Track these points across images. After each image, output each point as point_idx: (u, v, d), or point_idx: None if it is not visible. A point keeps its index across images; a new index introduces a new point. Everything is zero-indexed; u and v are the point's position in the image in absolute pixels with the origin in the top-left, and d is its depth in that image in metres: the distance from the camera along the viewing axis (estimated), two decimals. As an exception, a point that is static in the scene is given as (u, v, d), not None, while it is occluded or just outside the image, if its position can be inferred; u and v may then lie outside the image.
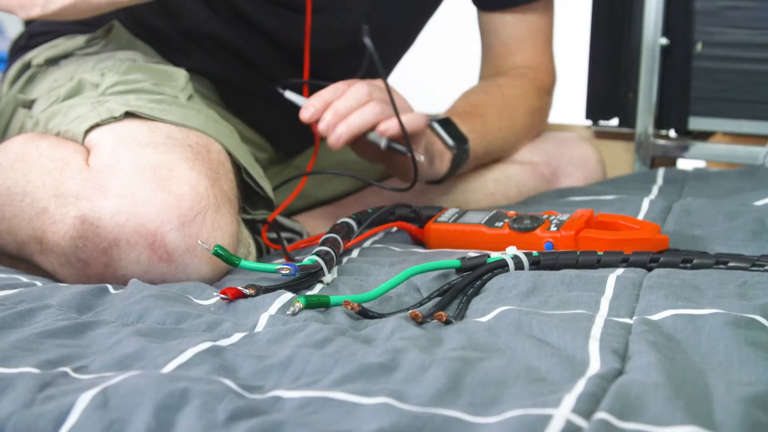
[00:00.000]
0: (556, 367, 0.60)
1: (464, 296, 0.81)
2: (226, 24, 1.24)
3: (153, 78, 1.09)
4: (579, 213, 0.99)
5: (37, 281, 0.89)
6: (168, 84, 1.10)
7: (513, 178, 1.36)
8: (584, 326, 0.68)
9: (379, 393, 0.56)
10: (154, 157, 0.91)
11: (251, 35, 1.25)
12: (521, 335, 0.66)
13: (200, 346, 0.65)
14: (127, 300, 0.79)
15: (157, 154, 0.92)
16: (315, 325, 0.70)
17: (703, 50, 1.60)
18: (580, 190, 1.29)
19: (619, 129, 1.73)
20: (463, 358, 0.61)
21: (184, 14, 1.23)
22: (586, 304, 0.74)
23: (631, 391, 0.55)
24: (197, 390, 0.56)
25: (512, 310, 0.72)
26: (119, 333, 0.70)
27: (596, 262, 0.87)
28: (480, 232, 1.00)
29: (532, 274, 0.83)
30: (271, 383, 0.60)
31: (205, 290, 0.85)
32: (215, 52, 1.25)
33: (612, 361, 0.61)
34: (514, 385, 0.57)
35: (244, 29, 1.24)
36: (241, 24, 1.24)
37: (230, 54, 1.25)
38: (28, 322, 0.74)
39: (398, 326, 0.70)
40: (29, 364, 0.63)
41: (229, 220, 0.92)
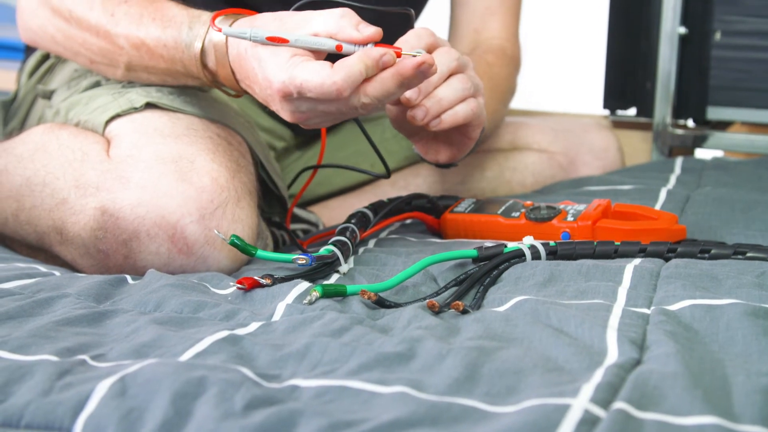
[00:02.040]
0: (574, 357, 0.60)
1: (481, 286, 0.81)
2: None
3: None
4: (596, 203, 0.99)
5: (56, 271, 0.90)
6: None
7: (529, 167, 1.36)
8: (602, 316, 0.68)
9: (397, 382, 0.56)
10: (176, 149, 0.91)
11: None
12: (538, 325, 0.66)
13: (217, 335, 0.65)
14: (144, 289, 0.80)
15: (178, 146, 0.92)
16: (332, 314, 0.70)
17: (721, 39, 1.59)
18: (597, 180, 1.28)
19: (636, 119, 1.72)
20: (480, 347, 0.61)
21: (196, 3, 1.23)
22: (604, 294, 0.74)
23: (649, 381, 0.54)
24: (215, 378, 0.56)
25: (529, 300, 0.72)
26: (137, 321, 0.71)
27: (613, 252, 0.87)
28: (497, 222, 1.00)
29: (549, 264, 0.83)
30: (289, 372, 0.60)
31: (223, 280, 0.85)
32: None
33: (630, 351, 0.61)
34: (532, 375, 0.57)
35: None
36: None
37: None
38: (46, 311, 0.75)
39: (415, 315, 0.70)
40: (48, 351, 0.64)
41: (249, 213, 0.92)
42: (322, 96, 0.82)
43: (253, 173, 0.99)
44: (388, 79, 0.83)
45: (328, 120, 0.87)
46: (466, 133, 1.00)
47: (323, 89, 0.81)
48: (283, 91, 0.83)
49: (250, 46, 0.86)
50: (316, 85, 0.81)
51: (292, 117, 0.86)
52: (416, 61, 0.83)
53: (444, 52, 0.94)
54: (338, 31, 0.84)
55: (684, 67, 1.63)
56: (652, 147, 1.67)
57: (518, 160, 1.36)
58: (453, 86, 0.94)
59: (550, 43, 2.11)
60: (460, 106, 0.95)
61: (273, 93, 0.84)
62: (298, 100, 0.84)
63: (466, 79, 0.95)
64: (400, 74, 0.83)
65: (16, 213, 0.98)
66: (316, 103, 0.84)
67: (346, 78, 0.81)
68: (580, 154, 1.38)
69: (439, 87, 0.94)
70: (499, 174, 1.34)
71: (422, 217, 1.07)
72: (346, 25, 0.84)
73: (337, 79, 0.80)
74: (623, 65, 1.71)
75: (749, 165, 1.35)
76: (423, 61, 0.83)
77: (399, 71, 0.83)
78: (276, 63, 0.83)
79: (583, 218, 0.95)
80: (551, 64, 2.13)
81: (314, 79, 0.81)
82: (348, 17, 0.85)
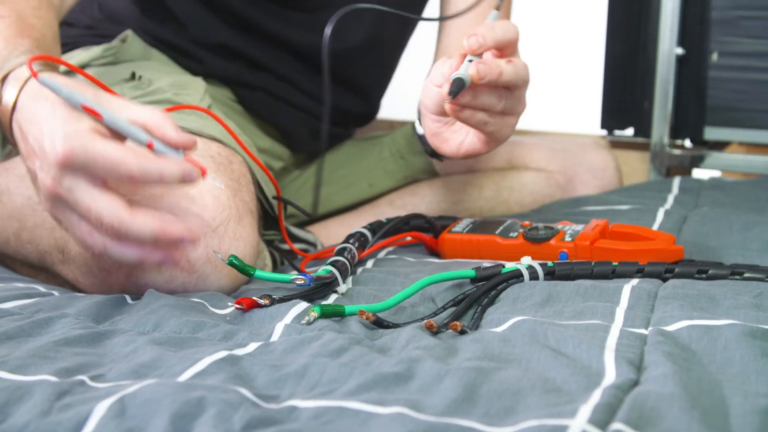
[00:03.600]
0: (572, 378, 0.60)
1: (479, 306, 0.81)
2: (237, 32, 1.25)
3: (172, 88, 1.10)
4: (594, 223, 0.99)
5: (55, 291, 0.90)
6: (187, 93, 1.11)
7: (528, 186, 1.36)
8: (599, 336, 0.68)
9: (395, 402, 0.56)
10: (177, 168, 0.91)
11: (264, 42, 1.26)
12: (536, 345, 0.66)
13: (216, 355, 0.66)
14: (143, 309, 0.80)
15: None
16: (330, 334, 0.70)
17: (718, 60, 1.60)
18: (595, 199, 1.29)
19: (634, 138, 1.73)
20: (478, 368, 0.61)
21: (194, 26, 1.24)
22: (602, 315, 0.74)
23: (647, 402, 0.55)
24: (213, 399, 0.56)
25: (527, 320, 0.72)
26: (136, 342, 0.71)
27: (611, 272, 0.87)
28: (494, 243, 1.01)
29: (547, 285, 0.83)
30: (287, 392, 0.61)
31: (222, 300, 0.85)
32: (230, 59, 1.26)
33: (627, 372, 0.61)
34: (530, 396, 0.57)
35: (256, 36, 1.25)
36: (253, 32, 1.25)
37: (244, 60, 1.26)
38: (45, 331, 0.75)
39: (413, 336, 0.71)
40: (46, 372, 0.64)
41: (250, 231, 0.92)
42: (111, 173, 0.76)
43: (254, 192, 0.99)
44: (165, 202, 0.83)
45: (71, 219, 0.80)
46: (494, 138, 1.02)
47: (118, 167, 0.76)
48: (68, 156, 0.76)
49: (57, 98, 0.80)
50: (112, 160, 0.75)
51: (50, 185, 0.78)
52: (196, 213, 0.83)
53: (515, 67, 0.93)
54: (155, 127, 0.80)
55: (681, 87, 1.64)
56: (650, 167, 1.67)
57: (516, 179, 1.36)
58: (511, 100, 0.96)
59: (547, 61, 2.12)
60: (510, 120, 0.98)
61: (53, 152, 0.77)
62: (74, 173, 0.77)
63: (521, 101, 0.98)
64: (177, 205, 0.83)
65: (18, 232, 0.98)
66: (90, 188, 0.77)
67: (145, 169, 0.76)
68: (578, 173, 1.38)
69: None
70: (497, 193, 1.35)
71: (420, 237, 1.08)
72: (165, 125, 0.80)
73: (134, 164, 0.76)
74: (621, 85, 1.72)
75: (747, 185, 1.36)
76: (200, 224, 0.83)
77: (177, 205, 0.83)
78: (75, 128, 0.77)
79: (581, 239, 0.96)
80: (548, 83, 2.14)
81: (113, 154, 0.76)
82: (169, 119, 0.81)
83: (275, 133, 1.32)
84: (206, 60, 1.24)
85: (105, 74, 1.17)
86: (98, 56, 1.20)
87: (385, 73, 1.43)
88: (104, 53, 1.20)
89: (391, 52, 1.41)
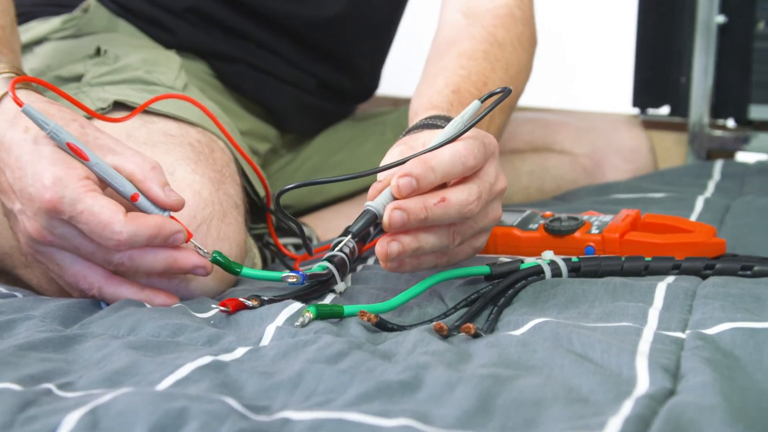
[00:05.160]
0: (600, 387, 0.60)
1: (495, 306, 0.81)
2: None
3: (144, 65, 1.10)
4: (624, 213, 1.00)
5: (17, 293, 0.91)
6: (160, 71, 1.10)
7: (550, 170, 1.36)
8: (631, 341, 0.68)
9: (401, 414, 0.56)
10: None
11: (236, 9, 1.25)
12: (560, 350, 0.66)
13: (199, 361, 0.66)
14: (117, 311, 0.80)
15: (155, 155, 0.92)
16: (327, 337, 0.71)
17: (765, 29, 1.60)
18: (625, 186, 1.29)
19: (670, 118, 1.73)
20: (495, 375, 0.61)
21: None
22: (633, 316, 0.75)
23: (684, 414, 0.55)
24: (197, 410, 0.56)
25: (549, 323, 0.72)
26: (109, 346, 0.71)
27: (644, 268, 0.87)
28: (512, 235, 1.01)
29: (572, 282, 0.83)
30: (279, 403, 0.61)
31: (204, 303, 0.85)
32: (202, 27, 1.26)
33: (662, 380, 0.61)
34: (552, 407, 0.57)
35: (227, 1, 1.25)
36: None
37: (218, 27, 1.26)
38: (7, 334, 0.75)
39: (421, 339, 0.71)
40: (9, 379, 0.64)
41: (237, 229, 0.92)
42: (95, 235, 0.79)
43: (239, 183, 0.99)
44: (160, 258, 0.83)
45: (60, 260, 0.84)
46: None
47: (104, 231, 0.78)
48: (55, 205, 0.79)
49: (39, 130, 0.81)
50: (100, 222, 0.78)
51: (36, 231, 0.81)
52: (194, 262, 0.84)
53: (447, 207, 0.79)
54: (143, 180, 0.82)
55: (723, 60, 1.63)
56: (688, 150, 1.68)
57: (537, 162, 1.37)
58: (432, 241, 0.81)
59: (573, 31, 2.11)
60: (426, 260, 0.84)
61: (39, 197, 0.79)
62: (61, 221, 0.80)
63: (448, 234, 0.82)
64: (176, 264, 0.83)
65: None
66: (78, 236, 0.81)
67: (133, 235, 0.79)
68: (606, 156, 1.38)
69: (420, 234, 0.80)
70: (515, 179, 1.35)
71: (428, 229, 1.08)
72: (153, 179, 0.83)
73: (124, 230, 0.78)
74: (655, 58, 1.72)
75: (797, 170, 1.36)
76: (201, 266, 0.84)
77: (177, 261, 0.83)
78: (66, 173, 0.79)
79: (609, 231, 0.96)
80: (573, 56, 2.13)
81: (102, 214, 0.78)
82: (158, 171, 0.83)
83: (260, 111, 1.32)
84: (177, 29, 1.24)
85: (66, 49, 1.16)
86: (57, 28, 1.19)
87: (377, 46, 1.42)
88: (64, 25, 1.19)
89: (380, 23, 1.40)
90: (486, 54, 1.09)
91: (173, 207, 0.83)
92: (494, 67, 1.07)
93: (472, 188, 0.80)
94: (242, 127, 1.25)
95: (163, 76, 1.10)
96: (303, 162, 1.39)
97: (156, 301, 0.84)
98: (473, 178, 0.81)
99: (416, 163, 0.78)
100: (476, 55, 1.07)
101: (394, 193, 0.77)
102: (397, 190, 0.77)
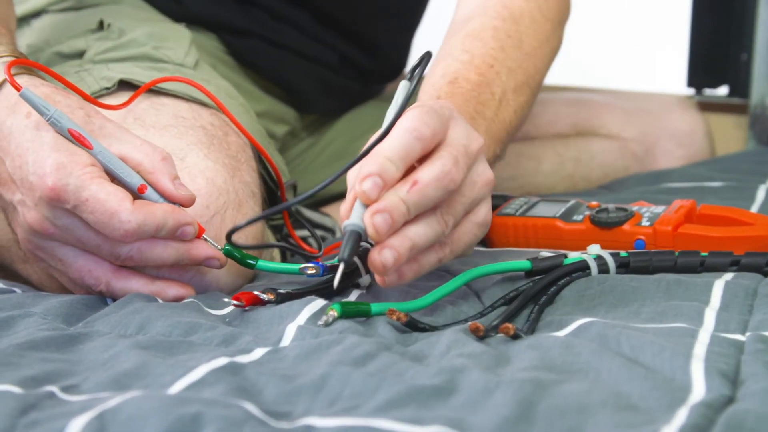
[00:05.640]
0: (651, 393, 0.60)
1: (535, 305, 0.82)
2: None
3: (151, 40, 1.10)
4: (677, 204, 0.99)
5: (16, 288, 0.91)
6: (168, 47, 1.11)
7: (596, 157, 1.36)
8: (685, 343, 0.68)
9: (434, 421, 0.57)
10: (161, 143, 0.91)
11: None
12: (607, 353, 0.66)
13: (214, 362, 0.66)
14: (124, 308, 0.81)
15: (164, 139, 0.92)
16: (353, 338, 0.71)
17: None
18: (679, 174, 1.28)
19: (728, 99, 1.72)
20: (536, 380, 0.61)
21: None
22: (687, 317, 0.75)
23: (745, 423, 0.55)
24: (212, 415, 0.57)
25: (595, 323, 0.73)
26: (116, 346, 0.72)
27: (699, 264, 0.87)
28: (554, 227, 1.01)
29: (620, 279, 0.83)
30: (301, 408, 0.61)
31: (219, 299, 0.86)
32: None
33: (720, 387, 0.61)
34: (599, 414, 0.57)
35: None
36: None
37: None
38: (5, 333, 0.76)
39: (455, 341, 0.71)
40: (8, 381, 0.64)
41: None
42: (101, 225, 0.80)
43: (256, 170, 0.99)
44: (171, 250, 0.83)
45: (63, 254, 0.84)
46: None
47: (111, 220, 0.79)
48: (58, 193, 0.79)
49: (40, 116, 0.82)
50: (107, 210, 0.79)
51: (37, 222, 0.82)
52: (207, 253, 0.84)
53: (436, 175, 0.77)
54: (152, 171, 0.83)
55: (789, 35, 1.62)
56: (748, 134, 1.67)
57: (582, 148, 1.36)
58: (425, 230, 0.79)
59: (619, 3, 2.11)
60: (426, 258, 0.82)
61: (41, 185, 0.80)
62: (64, 211, 0.81)
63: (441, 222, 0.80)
64: (188, 255, 0.84)
65: None
66: (83, 228, 0.82)
67: (141, 224, 0.80)
68: (659, 140, 1.38)
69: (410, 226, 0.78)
70: (559, 166, 1.35)
71: (463, 220, 1.08)
72: (163, 171, 0.83)
73: (132, 219, 0.79)
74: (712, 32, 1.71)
75: None
76: (215, 257, 0.85)
77: (189, 252, 0.84)
78: (69, 159, 0.80)
79: (661, 223, 0.96)
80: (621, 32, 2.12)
81: (109, 202, 0.79)
82: (169, 163, 0.84)
83: (277, 91, 1.32)
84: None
85: (66, 23, 1.16)
86: (56, 0, 1.20)
87: (401, 23, 1.42)
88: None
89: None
90: (495, 31, 1.07)
91: (183, 202, 0.83)
92: (503, 45, 1.06)
93: (443, 157, 0.78)
94: (258, 109, 1.25)
95: (171, 52, 1.10)
96: (325, 146, 1.39)
97: (169, 293, 0.85)
98: (440, 147, 0.79)
99: (369, 160, 0.76)
100: (484, 34, 1.06)
101: (362, 200, 0.76)
102: (364, 195, 0.75)
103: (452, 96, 0.97)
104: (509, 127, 1.02)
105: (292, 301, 0.82)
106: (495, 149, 0.99)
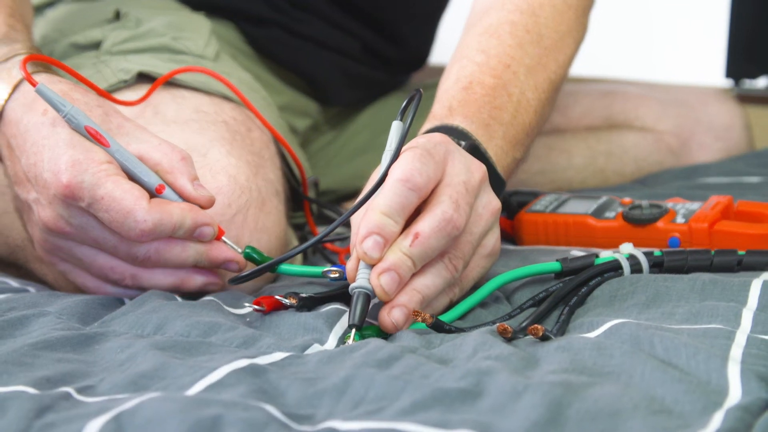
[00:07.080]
0: (686, 396, 0.60)
1: (566, 306, 0.82)
2: None
3: (170, 30, 1.11)
4: (714, 200, 0.99)
5: (30, 287, 0.92)
6: (188, 37, 1.11)
7: (629, 151, 1.36)
8: (721, 345, 0.69)
9: (461, 425, 0.57)
10: (182, 139, 0.92)
11: None
12: (640, 355, 0.66)
13: (235, 364, 0.67)
14: (141, 307, 0.82)
15: (185, 134, 0.93)
16: (377, 341, 0.72)
17: None
18: (716, 168, 1.28)
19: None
20: (566, 383, 0.62)
21: None
22: (724, 317, 0.75)
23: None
24: (232, 418, 0.57)
25: (628, 324, 0.73)
26: (133, 346, 0.73)
27: (736, 263, 0.87)
28: (586, 225, 1.01)
29: (654, 279, 0.83)
30: (324, 411, 0.62)
31: (240, 298, 0.87)
32: None
33: (757, 390, 0.61)
34: (632, 418, 0.57)
35: None
36: None
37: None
38: (20, 332, 0.77)
39: (482, 342, 0.71)
40: (23, 382, 0.65)
41: (276, 219, 0.92)
42: (117, 224, 0.80)
43: (280, 167, 0.99)
44: (190, 251, 0.84)
45: (83, 253, 0.85)
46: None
47: (126, 219, 0.80)
48: (73, 190, 0.80)
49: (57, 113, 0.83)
50: (122, 209, 0.80)
51: (52, 221, 0.83)
52: (226, 255, 0.85)
53: (424, 244, 0.78)
54: (170, 171, 0.84)
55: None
56: (790, 128, 1.66)
57: (615, 141, 1.36)
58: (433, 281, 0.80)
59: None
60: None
61: (56, 182, 0.80)
62: (79, 210, 0.82)
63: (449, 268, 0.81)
64: (206, 256, 0.85)
65: None
66: (98, 227, 0.82)
67: (158, 223, 0.80)
68: (695, 133, 1.38)
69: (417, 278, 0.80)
70: (590, 160, 1.34)
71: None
72: (183, 171, 0.84)
73: (148, 218, 0.80)
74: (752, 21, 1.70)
75: None
76: (234, 260, 0.85)
77: (208, 253, 0.85)
78: (85, 156, 0.81)
79: (697, 220, 0.96)
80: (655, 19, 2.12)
81: (124, 200, 0.79)
82: (188, 163, 0.84)
83: (298, 82, 1.32)
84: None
85: (81, 12, 1.16)
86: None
87: (424, 11, 1.42)
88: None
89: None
90: (513, 26, 1.05)
91: (202, 203, 0.84)
92: (522, 42, 1.04)
93: (443, 202, 0.78)
94: (279, 101, 1.25)
95: (191, 42, 1.10)
96: (348, 140, 1.39)
97: (197, 281, 0.86)
98: (439, 188, 0.79)
99: (367, 218, 0.77)
100: (500, 30, 1.04)
101: (366, 261, 0.77)
102: (367, 256, 0.76)
103: (465, 104, 0.96)
104: (529, 128, 1.01)
105: (317, 311, 0.82)
106: (514, 154, 0.99)
